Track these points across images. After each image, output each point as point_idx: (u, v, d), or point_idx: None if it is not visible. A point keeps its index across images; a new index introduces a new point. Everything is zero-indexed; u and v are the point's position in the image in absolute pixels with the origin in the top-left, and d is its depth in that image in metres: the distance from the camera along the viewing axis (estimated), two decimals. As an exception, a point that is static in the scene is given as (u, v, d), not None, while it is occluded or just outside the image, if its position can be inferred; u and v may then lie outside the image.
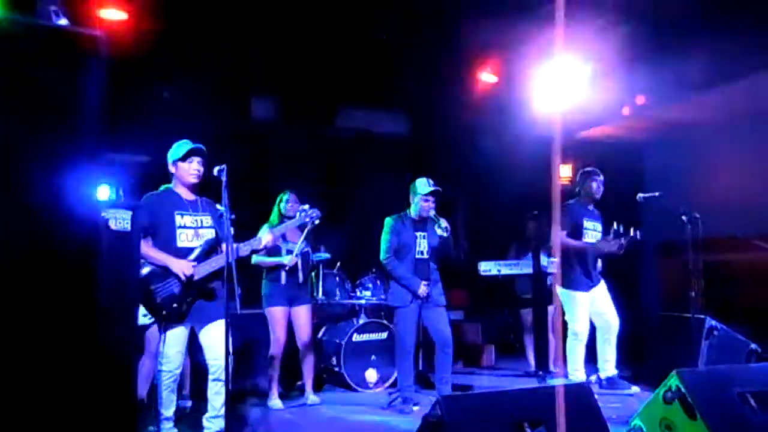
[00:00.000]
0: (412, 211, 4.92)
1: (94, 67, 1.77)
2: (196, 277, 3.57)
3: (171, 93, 6.33)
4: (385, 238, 4.88)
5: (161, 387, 3.58)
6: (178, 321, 3.58)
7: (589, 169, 5.42)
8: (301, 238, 4.90)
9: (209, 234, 3.73)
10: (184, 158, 3.69)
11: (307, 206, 4.42)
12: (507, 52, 6.57)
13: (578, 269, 5.16)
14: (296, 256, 4.89)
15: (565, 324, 5.28)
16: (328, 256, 5.38)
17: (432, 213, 4.77)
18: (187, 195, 3.76)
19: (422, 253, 4.87)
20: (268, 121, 7.30)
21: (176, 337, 3.60)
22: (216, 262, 3.61)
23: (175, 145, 3.76)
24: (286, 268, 4.86)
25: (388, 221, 4.92)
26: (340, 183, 7.58)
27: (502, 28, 5.75)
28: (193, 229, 3.70)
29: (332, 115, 7.56)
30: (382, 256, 4.87)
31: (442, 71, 6.77)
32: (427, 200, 4.82)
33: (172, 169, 3.74)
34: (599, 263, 5.33)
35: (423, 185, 4.85)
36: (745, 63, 5.35)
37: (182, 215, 3.68)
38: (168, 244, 3.61)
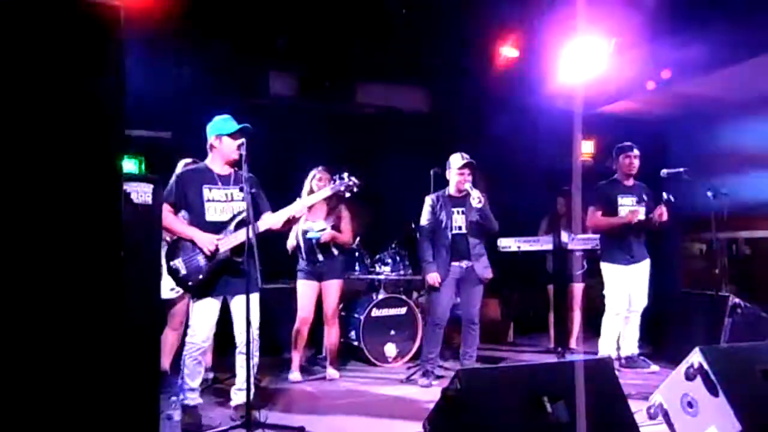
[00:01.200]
0: (451, 188, 4.95)
1: (114, 39, 1.77)
2: (221, 250, 3.60)
3: (190, 68, 6.32)
4: (423, 217, 4.97)
5: (187, 358, 3.64)
6: (204, 293, 3.63)
7: (621, 144, 5.30)
8: (322, 225, 4.94)
9: (240, 207, 3.70)
10: (232, 135, 3.70)
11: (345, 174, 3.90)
12: (529, 26, 6.45)
13: (615, 243, 5.11)
14: (306, 239, 4.96)
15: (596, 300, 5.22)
16: (318, 236, 5.11)
17: (468, 185, 4.75)
18: (221, 169, 3.77)
19: (460, 228, 4.88)
20: (287, 97, 7.27)
21: (204, 310, 3.64)
22: (237, 237, 3.63)
23: (219, 120, 3.76)
24: (289, 251, 5.00)
25: (427, 200, 4.99)
26: (360, 159, 7.53)
27: (523, 1, 5.64)
28: (223, 203, 3.72)
29: (352, 91, 7.50)
30: (419, 234, 5.01)
31: (463, 46, 6.67)
32: (462, 173, 4.83)
33: (215, 142, 3.73)
34: (640, 238, 5.17)
35: (456, 159, 4.87)
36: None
37: (210, 189, 3.71)
38: (199, 218, 3.67)
